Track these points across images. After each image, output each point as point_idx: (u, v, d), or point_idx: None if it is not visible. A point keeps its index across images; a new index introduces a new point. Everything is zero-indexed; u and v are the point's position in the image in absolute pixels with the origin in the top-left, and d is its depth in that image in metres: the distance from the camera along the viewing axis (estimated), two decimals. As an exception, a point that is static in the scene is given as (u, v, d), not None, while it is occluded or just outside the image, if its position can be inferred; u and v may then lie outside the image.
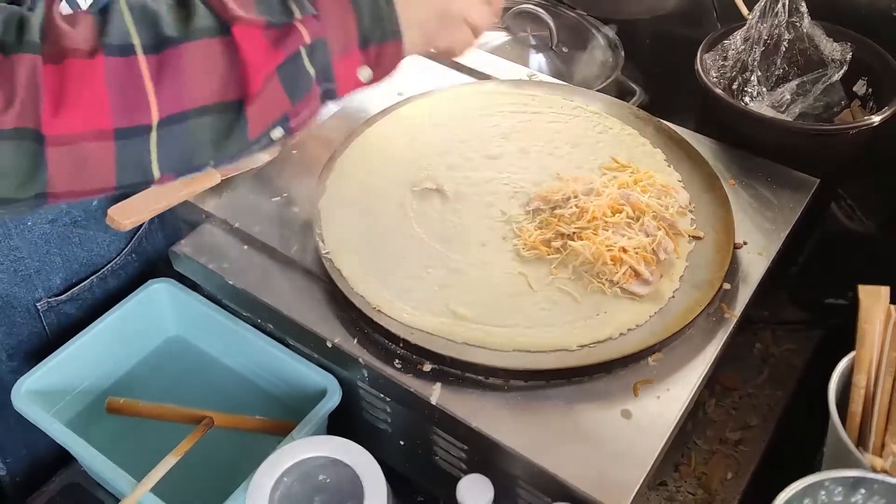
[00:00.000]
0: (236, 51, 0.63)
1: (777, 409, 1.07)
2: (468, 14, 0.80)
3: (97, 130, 0.60)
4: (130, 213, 0.93)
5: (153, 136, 0.62)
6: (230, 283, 0.92)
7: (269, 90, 0.65)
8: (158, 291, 1.00)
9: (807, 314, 1.18)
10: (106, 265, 1.04)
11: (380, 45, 0.71)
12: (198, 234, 0.98)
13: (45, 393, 0.92)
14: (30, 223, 0.93)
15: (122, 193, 0.99)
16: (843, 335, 1.16)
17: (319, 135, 1.10)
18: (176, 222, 1.11)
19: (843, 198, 1.28)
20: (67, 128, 0.59)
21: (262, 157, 1.03)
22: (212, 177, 1.00)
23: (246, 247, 0.95)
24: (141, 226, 1.06)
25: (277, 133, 0.70)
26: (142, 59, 0.60)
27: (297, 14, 0.66)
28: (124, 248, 1.06)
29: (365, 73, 0.72)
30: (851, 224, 1.29)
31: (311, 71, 0.68)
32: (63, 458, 1.03)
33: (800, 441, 1.06)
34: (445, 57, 0.85)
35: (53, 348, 0.97)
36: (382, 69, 0.73)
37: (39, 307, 0.99)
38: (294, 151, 1.07)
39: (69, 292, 1.01)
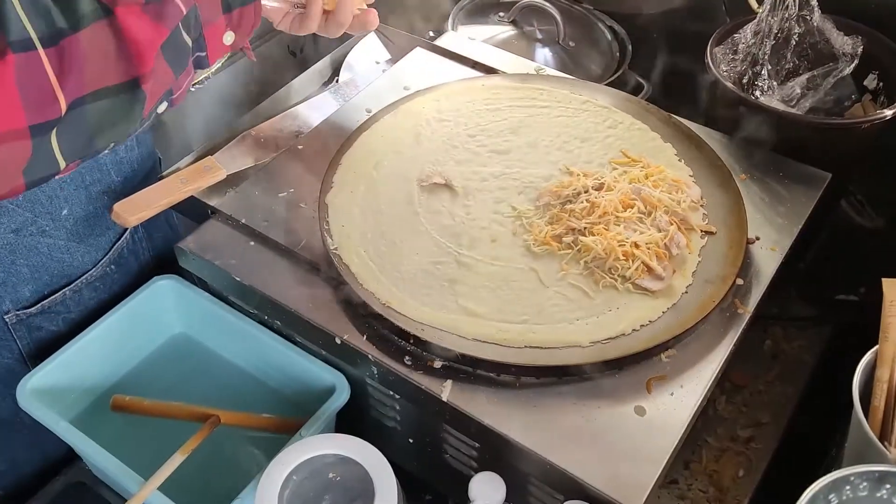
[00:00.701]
0: (124, 32, 0.64)
1: (788, 406, 1.06)
2: None
3: (13, 130, 0.61)
4: (136, 209, 0.92)
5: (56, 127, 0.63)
6: (237, 279, 0.91)
7: (159, 66, 0.67)
8: (163, 288, 0.99)
9: (817, 310, 1.17)
10: (80, 277, 0.99)
11: (242, 7, 0.73)
12: (203, 230, 0.96)
13: (50, 391, 0.91)
14: None
15: (124, 191, 0.99)
16: (854, 331, 1.15)
17: (326, 130, 1.09)
18: (164, 234, 1.10)
19: (852, 193, 1.27)
20: None
21: None
22: (217, 172, 0.99)
23: (252, 243, 0.94)
24: (121, 236, 1.02)
25: (162, 107, 0.72)
26: (42, 53, 0.61)
27: None
28: (101, 260, 1.00)
29: (229, 37, 0.75)
30: (861, 219, 1.27)
31: (189, 41, 0.70)
32: (49, 468, 1.02)
33: (812, 438, 1.05)
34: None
35: (29, 361, 0.96)
36: (242, 31, 0.76)
37: (7, 319, 0.94)
38: (300, 146, 1.06)
39: (40, 304, 0.96)
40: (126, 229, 1.02)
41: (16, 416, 0.98)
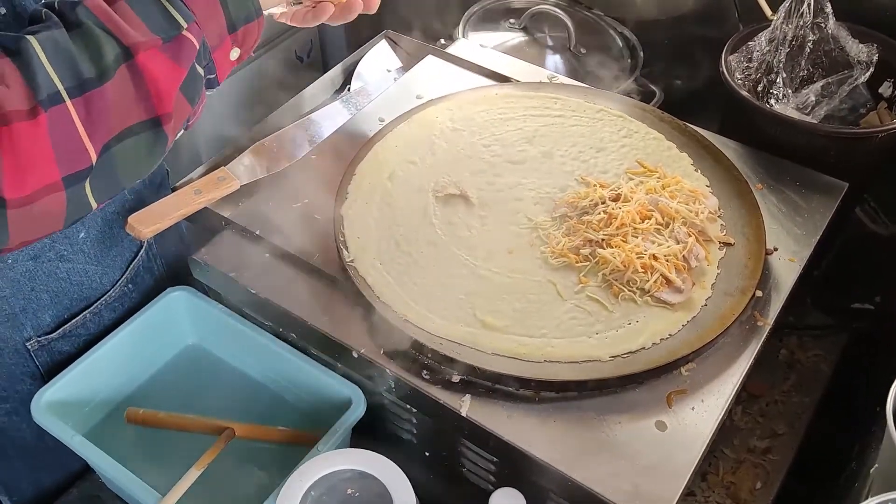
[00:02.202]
0: (146, 76, 0.65)
1: (805, 416, 1.05)
2: None
3: (49, 184, 0.62)
4: (150, 222, 0.91)
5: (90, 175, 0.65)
6: (252, 291, 0.90)
7: (178, 104, 0.68)
8: (177, 299, 0.98)
9: (832, 319, 1.17)
10: (100, 298, 0.98)
11: (246, 25, 0.74)
12: (217, 241, 0.96)
13: (65, 404, 0.90)
14: (10, 261, 0.88)
15: (135, 208, 0.98)
16: (870, 340, 1.15)
17: (338, 139, 1.08)
18: (176, 248, 1.09)
19: (866, 200, 1.26)
20: (26, 189, 0.61)
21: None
22: (230, 183, 0.99)
23: (267, 254, 0.94)
24: (136, 254, 1.01)
25: (180, 133, 0.74)
26: (70, 106, 0.62)
27: (184, 24, 0.67)
28: (119, 280, 1.00)
29: (234, 53, 0.75)
30: (875, 227, 1.27)
31: (202, 72, 0.71)
32: (65, 481, 1.02)
33: (829, 449, 1.04)
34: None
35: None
36: (247, 45, 0.76)
37: (30, 346, 0.94)
38: (313, 156, 1.06)
39: (61, 329, 0.95)
40: (140, 247, 1.01)
41: (40, 441, 0.98)
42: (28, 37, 0.61)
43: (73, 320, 0.96)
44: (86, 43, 0.63)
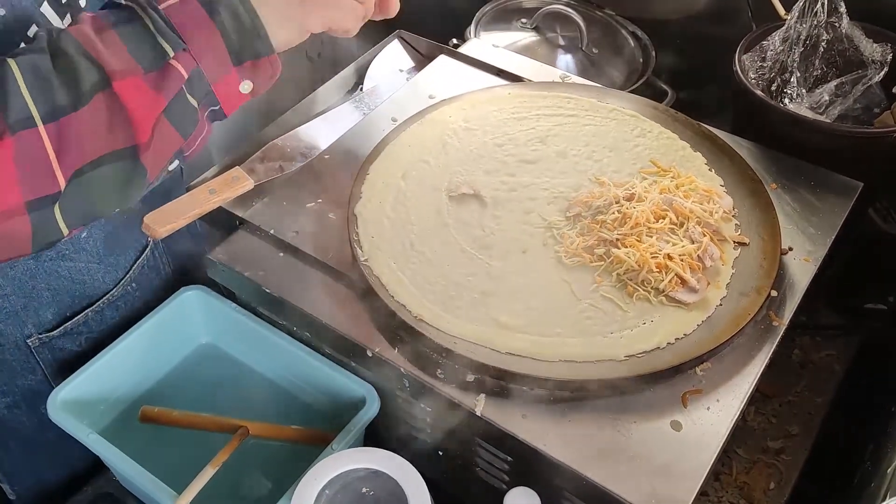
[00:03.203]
0: (121, 104, 0.64)
1: (818, 417, 1.05)
2: None
3: (10, 209, 0.61)
4: (165, 221, 0.91)
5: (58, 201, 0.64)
6: (266, 290, 0.90)
7: (160, 134, 0.67)
8: (191, 298, 0.98)
9: (845, 319, 1.16)
10: (102, 297, 0.98)
11: (254, 60, 0.72)
12: (232, 241, 0.96)
13: (80, 402, 0.91)
14: None
15: (153, 198, 0.98)
16: (883, 340, 1.14)
17: (352, 139, 1.08)
18: (186, 247, 1.10)
19: (879, 200, 1.26)
20: None
21: None
22: (244, 182, 0.99)
23: (281, 254, 0.94)
24: (141, 253, 1.01)
25: (174, 165, 0.72)
26: (42, 130, 0.61)
27: (170, 52, 0.66)
28: (122, 279, 1.00)
29: (246, 86, 0.73)
30: (887, 227, 1.26)
31: (195, 103, 0.69)
32: (75, 480, 1.02)
33: (843, 449, 1.04)
34: (343, 36, 0.84)
35: (53, 381, 0.96)
36: (262, 79, 0.74)
37: (30, 343, 0.94)
38: (327, 156, 1.06)
39: (62, 327, 0.96)
40: (146, 247, 1.02)
41: (41, 435, 0.98)
42: (9, 59, 0.61)
43: (75, 318, 0.96)
44: (65, 69, 0.63)
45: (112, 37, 0.65)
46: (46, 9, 0.73)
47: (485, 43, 1.28)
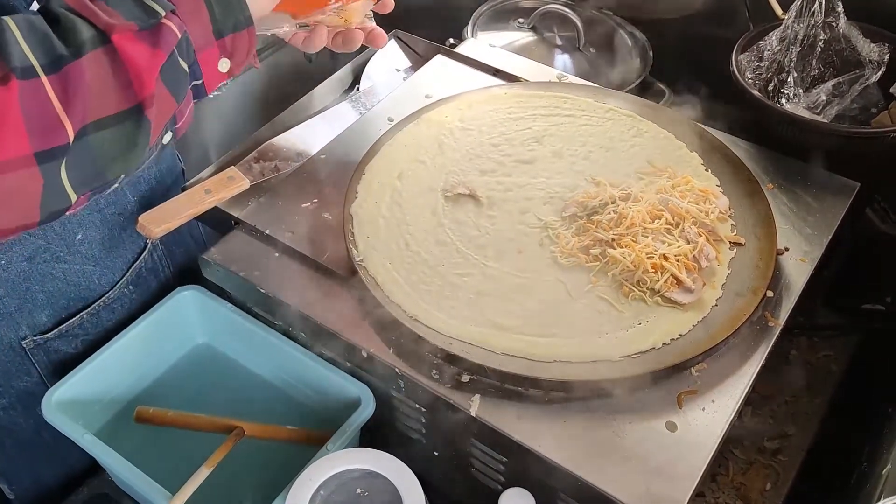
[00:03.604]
0: (122, 58, 0.64)
1: (815, 418, 1.05)
2: None
3: (20, 157, 0.60)
4: (161, 221, 0.91)
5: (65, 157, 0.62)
6: (261, 290, 0.90)
7: (160, 91, 0.66)
8: (186, 298, 0.98)
9: (843, 320, 1.16)
10: (98, 300, 0.98)
11: (234, 35, 0.72)
12: (227, 241, 0.96)
13: (75, 403, 0.91)
14: (3, 262, 0.87)
15: (151, 200, 0.98)
16: (881, 341, 1.14)
17: (348, 139, 1.08)
18: (186, 248, 1.09)
19: (877, 200, 1.26)
20: None
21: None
22: (240, 182, 0.99)
23: (277, 254, 0.94)
24: (139, 256, 1.01)
25: (167, 137, 0.72)
26: (45, 81, 0.60)
27: (161, 12, 0.66)
28: (118, 281, 0.99)
29: (224, 64, 0.74)
30: (885, 227, 1.26)
31: (185, 66, 0.69)
32: (72, 480, 1.02)
33: (840, 450, 1.04)
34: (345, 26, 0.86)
35: (48, 383, 0.95)
36: (238, 58, 0.74)
37: (25, 345, 0.93)
38: (323, 156, 1.06)
39: (57, 329, 0.95)
40: (144, 249, 1.01)
41: (38, 436, 0.98)
42: (3, 17, 0.61)
43: (70, 321, 0.96)
44: (61, 27, 0.62)
45: (102, 4, 0.65)
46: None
47: (482, 43, 1.28)
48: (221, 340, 1.01)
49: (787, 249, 0.92)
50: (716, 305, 0.85)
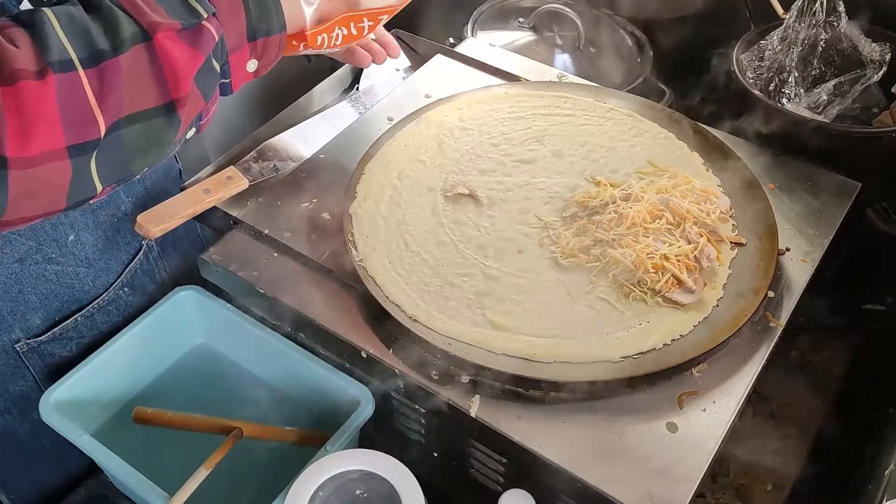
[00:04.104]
0: (162, 57, 0.64)
1: (816, 418, 1.04)
2: None
3: (54, 150, 0.61)
4: (159, 221, 0.91)
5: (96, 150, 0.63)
6: (260, 290, 0.90)
7: (193, 92, 0.67)
8: (185, 299, 0.98)
9: (844, 320, 1.16)
10: (92, 302, 0.97)
11: (266, 38, 0.73)
12: (226, 241, 0.95)
13: (73, 403, 0.90)
14: None
15: (146, 201, 0.98)
16: (882, 341, 1.14)
17: (347, 138, 1.08)
18: (184, 250, 1.09)
19: (877, 200, 1.25)
20: (31, 150, 0.59)
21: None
22: (239, 182, 0.99)
23: (276, 254, 0.93)
24: (133, 257, 1.01)
25: (191, 133, 0.73)
26: (83, 75, 0.61)
27: (203, 13, 0.67)
28: (113, 283, 0.99)
29: (252, 65, 0.75)
30: (886, 227, 1.26)
31: (217, 68, 0.70)
32: (70, 482, 1.02)
33: (841, 451, 1.03)
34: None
35: (43, 387, 0.94)
36: (266, 60, 0.76)
37: (19, 348, 0.93)
38: (322, 156, 1.05)
39: (51, 332, 0.95)
40: (139, 250, 1.01)
41: (34, 440, 0.98)
42: (43, 9, 0.61)
43: (64, 323, 0.95)
44: (102, 20, 0.62)
45: None
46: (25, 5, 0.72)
47: (482, 42, 1.27)
48: (220, 341, 1.00)
49: (788, 250, 0.91)
50: (717, 306, 0.85)
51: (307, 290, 0.90)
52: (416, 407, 0.86)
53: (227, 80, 0.73)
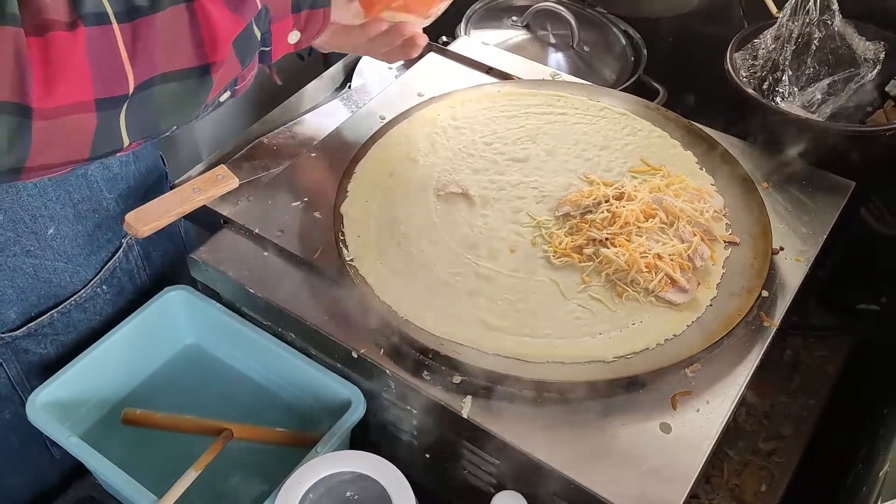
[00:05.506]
0: (203, 19, 0.64)
1: (810, 419, 1.04)
2: None
3: (81, 102, 0.60)
4: (148, 219, 0.90)
5: (125, 104, 0.63)
6: (251, 290, 0.89)
7: (229, 56, 0.67)
8: (175, 299, 0.97)
9: (837, 320, 1.15)
10: (69, 298, 0.95)
11: (310, 10, 0.73)
12: (216, 240, 0.95)
13: (60, 405, 0.89)
14: None
15: (129, 198, 0.97)
16: (876, 342, 1.13)
17: (339, 137, 1.07)
18: (164, 250, 1.08)
19: (871, 200, 1.25)
20: (56, 101, 0.59)
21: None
22: (230, 181, 0.98)
23: (266, 253, 0.93)
24: (113, 255, 0.99)
25: (225, 96, 0.72)
26: (116, 29, 0.60)
27: None
28: (91, 280, 0.97)
29: (294, 36, 0.75)
30: (880, 227, 1.26)
31: (258, 35, 0.70)
32: (43, 489, 1.00)
33: (835, 452, 1.03)
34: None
35: (17, 386, 0.93)
36: (308, 33, 0.76)
37: None
38: (313, 154, 1.04)
39: (26, 327, 0.92)
40: (119, 248, 0.99)
41: (4, 440, 0.95)
42: None
43: (40, 319, 0.93)
44: None
45: None
46: None
47: (475, 40, 1.27)
48: (210, 341, 0.99)
49: (782, 249, 0.91)
50: (710, 305, 0.84)
51: (298, 290, 0.89)
52: (408, 408, 0.85)
53: (268, 49, 0.73)
